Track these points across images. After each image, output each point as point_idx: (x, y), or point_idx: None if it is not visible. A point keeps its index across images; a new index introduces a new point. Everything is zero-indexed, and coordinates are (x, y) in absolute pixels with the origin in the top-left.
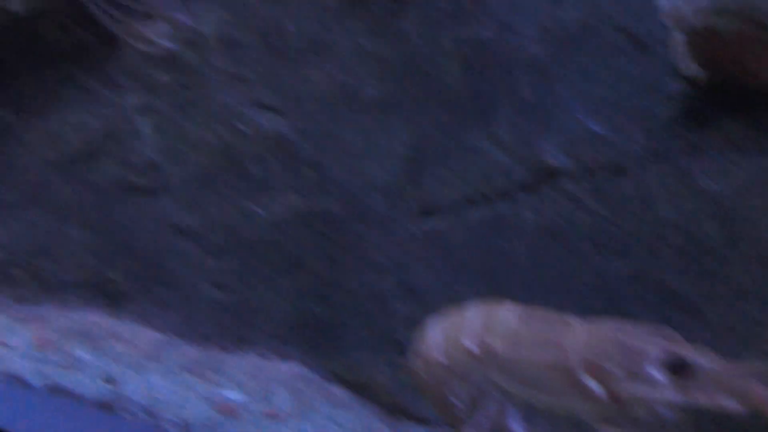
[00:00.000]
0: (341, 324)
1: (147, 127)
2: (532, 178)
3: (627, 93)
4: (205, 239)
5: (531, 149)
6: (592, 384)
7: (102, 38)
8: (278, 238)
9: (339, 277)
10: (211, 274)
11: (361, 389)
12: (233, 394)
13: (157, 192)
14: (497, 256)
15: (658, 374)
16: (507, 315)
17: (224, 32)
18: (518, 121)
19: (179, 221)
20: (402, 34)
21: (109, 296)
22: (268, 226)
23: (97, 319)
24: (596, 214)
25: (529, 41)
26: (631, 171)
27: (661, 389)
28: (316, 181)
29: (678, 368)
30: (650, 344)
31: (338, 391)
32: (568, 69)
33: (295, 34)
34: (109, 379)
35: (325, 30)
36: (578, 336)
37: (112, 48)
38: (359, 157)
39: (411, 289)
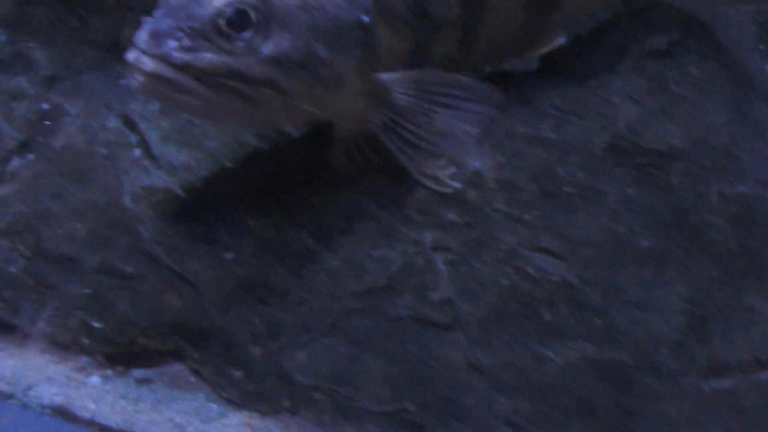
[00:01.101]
0: None
1: (441, 264)
2: None
3: None
4: (498, 378)
5: None
6: None
7: (394, 174)
8: (569, 384)
9: (632, 427)
10: (503, 414)
11: None
12: None
13: (452, 328)
14: None
15: None
16: None
17: (500, 174)
18: None
19: (472, 358)
20: (667, 186)
21: (406, 427)
22: (560, 370)
23: None
24: None
25: None
26: None
27: None
28: (604, 329)
29: None
30: None
31: None
32: None
33: (564, 179)
34: None
35: (593, 176)
36: None
37: (404, 184)
38: (642, 308)
39: None
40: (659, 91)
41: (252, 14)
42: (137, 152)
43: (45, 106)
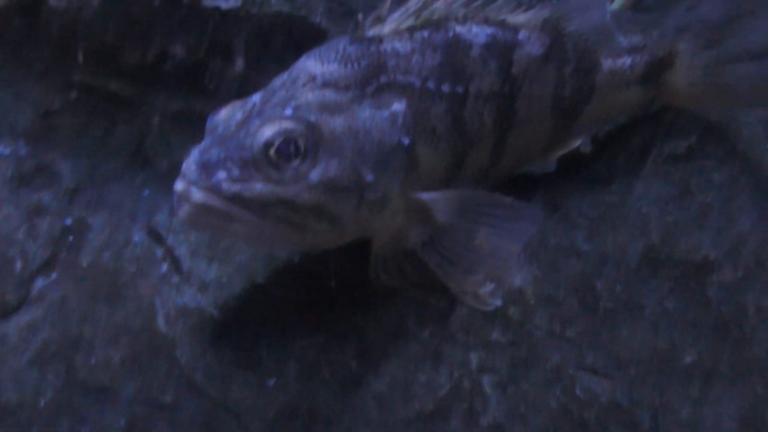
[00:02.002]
0: None
1: (489, 386)
2: None
3: None
4: None
5: None
6: None
7: (434, 290)
8: None
9: None
10: None
11: None
12: None
13: None
14: None
15: None
16: None
17: (539, 288)
18: None
19: None
20: (705, 298)
21: None
22: None
23: None
24: None
25: None
26: None
27: None
28: None
29: None
30: None
31: None
32: None
33: (603, 292)
34: None
35: (630, 289)
36: None
37: (445, 301)
38: (693, 428)
39: None
40: (686, 198)
41: (301, 142)
42: (164, 267)
43: (68, 221)
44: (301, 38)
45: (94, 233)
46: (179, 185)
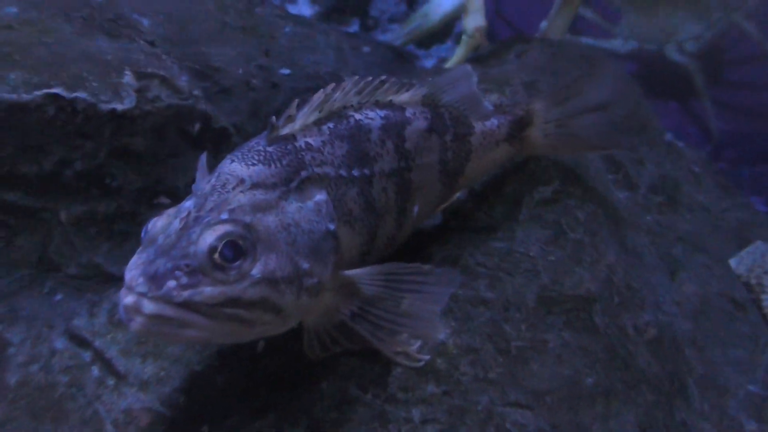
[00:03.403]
0: None
1: None
2: None
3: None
4: None
5: (731, 421)
6: None
7: (366, 354)
8: None
9: None
10: None
11: None
12: None
13: None
14: None
15: None
16: None
17: (458, 339)
18: (707, 396)
19: None
20: (593, 326)
21: None
22: None
23: None
24: None
25: (677, 318)
26: None
27: None
28: None
29: None
30: None
31: None
32: (708, 336)
33: (512, 334)
34: None
35: (534, 328)
36: None
37: (378, 363)
38: None
39: None
40: (560, 238)
41: (241, 243)
42: (95, 371)
43: None
44: (189, 127)
45: (15, 348)
46: (129, 298)
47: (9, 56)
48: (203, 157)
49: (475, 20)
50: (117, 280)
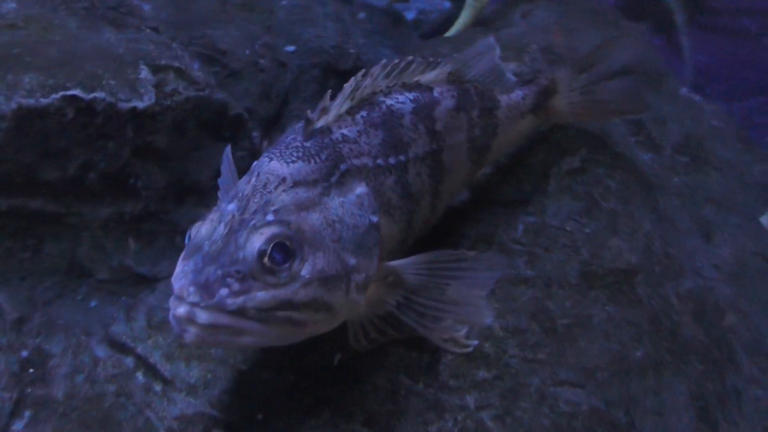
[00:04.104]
0: None
1: (490, 421)
2: None
3: None
4: None
5: None
6: None
7: (413, 344)
8: None
9: None
10: None
11: None
12: None
13: None
14: None
15: None
16: None
17: (504, 321)
18: (755, 360)
19: None
20: (637, 298)
21: None
22: None
23: None
24: None
25: (718, 283)
26: None
27: None
28: None
29: None
30: None
31: None
32: (749, 299)
33: (556, 312)
34: None
35: (578, 304)
36: None
37: (427, 352)
38: (659, 414)
39: None
40: (594, 210)
41: (288, 244)
42: (140, 377)
43: (24, 353)
44: (208, 117)
45: (57, 359)
46: (181, 309)
47: (19, 58)
48: (228, 150)
49: None
50: (150, 282)
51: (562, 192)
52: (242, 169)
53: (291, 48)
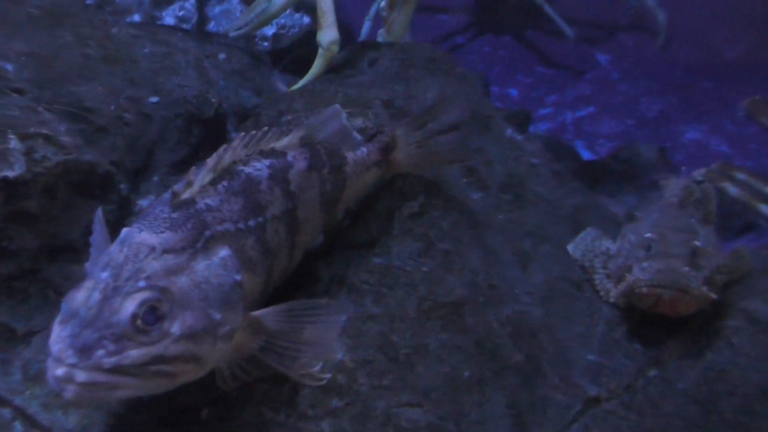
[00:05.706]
0: None
1: None
2: (582, 407)
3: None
4: None
5: (576, 388)
6: None
7: (274, 379)
8: None
9: None
10: None
11: None
12: None
13: None
14: None
15: None
16: None
17: (354, 355)
18: (557, 370)
19: None
20: (465, 326)
21: None
22: None
23: None
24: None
25: (531, 306)
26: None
27: None
28: None
29: None
30: None
31: None
32: (555, 318)
33: (399, 343)
34: None
35: (417, 335)
36: None
37: (286, 386)
38: (482, 423)
39: None
40: (431, 250)
41: (159, 306)
42: (18, 427)
43: None
44: (77, 178)
45: None
46: (60, 370)
47: None
48: (99, 212)
49: (329, 35)
50: (24, 337)
51: (405, 234)
52: (111, 222)
53: (155, 99)
